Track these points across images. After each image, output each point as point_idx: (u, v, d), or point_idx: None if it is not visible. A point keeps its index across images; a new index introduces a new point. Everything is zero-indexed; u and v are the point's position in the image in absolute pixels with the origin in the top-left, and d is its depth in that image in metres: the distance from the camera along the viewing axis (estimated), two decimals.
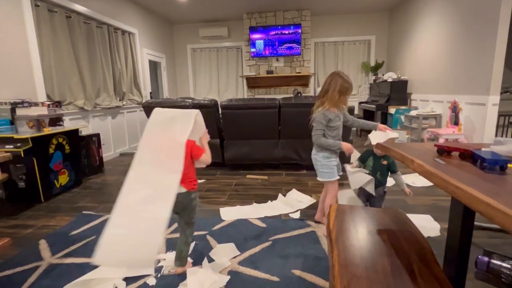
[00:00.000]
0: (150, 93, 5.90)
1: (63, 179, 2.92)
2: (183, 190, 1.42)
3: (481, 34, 3.50)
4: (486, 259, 1.45)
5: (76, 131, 3.16)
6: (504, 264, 1.39)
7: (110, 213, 1.27)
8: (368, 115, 6.41)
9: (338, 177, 1.89)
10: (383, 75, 5.99)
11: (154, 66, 6.45)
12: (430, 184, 2.85)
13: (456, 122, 3.86)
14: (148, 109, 3.82)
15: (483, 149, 1.03)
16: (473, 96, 3.63)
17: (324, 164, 1.84)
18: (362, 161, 1.95)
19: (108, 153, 4.37)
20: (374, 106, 5.60)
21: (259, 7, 6.04)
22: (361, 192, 1.91)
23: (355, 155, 2.09)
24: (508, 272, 1.37)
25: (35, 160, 2.57)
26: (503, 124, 3.37)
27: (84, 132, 3.62)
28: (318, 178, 1.90)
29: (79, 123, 3.77)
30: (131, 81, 5.14)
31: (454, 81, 4.07)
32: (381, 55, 6.64)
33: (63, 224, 2.21)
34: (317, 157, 1.86)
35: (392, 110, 5.16)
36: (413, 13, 5.35)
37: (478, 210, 0.67)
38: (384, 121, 5.54)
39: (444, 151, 1.14)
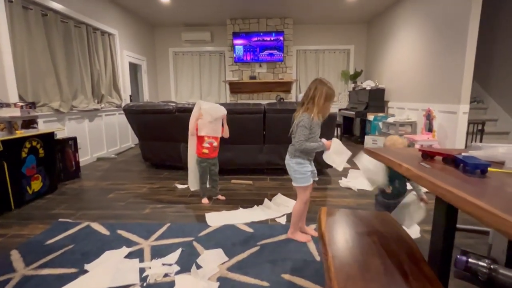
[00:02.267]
0: (130, 96, 5.74)
1: (36, 184, 2.76)
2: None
3: (453, 47, 3.74)
4: (464, 258, 1.54)
5: (51, 134, 3.00)
6: (480, 263, 1.48)
7: (89, 221, 1.21)
8: (347, 121, 6.62)
9: (311, 183, 1.88)
10: (361, 83, 6.22)
11: (134, 69, 6.29)
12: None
13: (430, 129, 4.07)
14: (128, 112, 3.71)
15: (463, 154, 1.10)
16: (446, 104, 3.86)
17: (297, 170, 1.84)
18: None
19: (85, 157, 4.18)
20: (354, 113, 5.79)
21: (243, 14, 6.09)
22: (378, 203, 1.87)
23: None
24: (484, 271, 1.45)
25: (5, 165, 2.41)
26: (472, 131, 3.60)
27: (59, 135, 3.45)
28: (293, 183, 1.91)
29: (54, 125, 3.59)
30: (110, 83, 4.98)
31: (428, 90, 4.30)
32: (359, 64, 6.90)
33: (37, 233, 2.08)
34: (290, 163, 1.87)
35: (370, 117, 5.36)
36: (390, 25, 5.62)
37: (467, 211, 0.71)
38: (363, 127, 5.74)
39: (428, 156, 1.20)
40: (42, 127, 3.30)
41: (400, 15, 5.22)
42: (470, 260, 1.51)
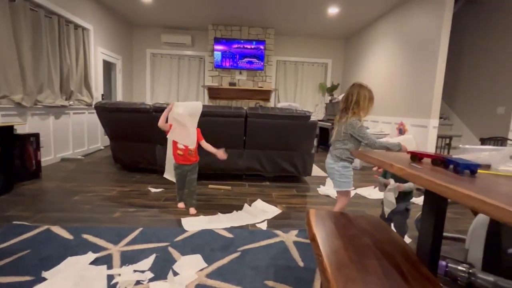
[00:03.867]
0: (102, 95, 5.43)
1: None
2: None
3: (424, 64, 3.98)
4: (443, 263, 1.56)
5: (10, 128, 2.72)
6: (460, 268, 1.51)
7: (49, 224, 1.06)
8: (323, 132, 6.75)
9: (353, 188, 1.88)
10: (338, 96, 6.41)
11: (108, 67, 5.99)
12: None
13: None
14: (100, 110, 3.48)
15: (453, 156, 1.12)
16: (417, 119, 4.07)
17: (343, 174, 1.83)
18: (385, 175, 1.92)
19: (47, 157, 3.84)
20: (330, 124, 5.92)
21: (225, 20, 6.09)
22: (384, 210, 1.89)
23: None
24: (464, 275, 1.48)
25: None
26: (441, 145, 3.81)
27: (19, 130, 3.14)
28: (335, 188, 1.89)
29: (13, 120, 3.26)
30: (81, 80, 4.68)
31: (401, 105, 4.52)
32: (336, 78, 7.14)
33: None
34: (336, 167, 1.83)
35: None
36: (366, 42, 5.90)
37: (472, 206, 0.70)
38: None
39: (416, 158, 1.20)
40: (0, 121, 2.98)
41: (375, 34, 5.50)
42: (449, 264, 1.54)
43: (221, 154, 2.29)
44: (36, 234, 1.87)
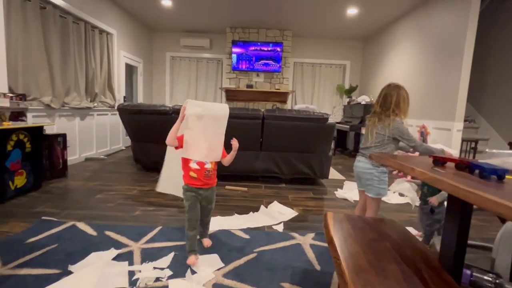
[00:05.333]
0: (124, 97, 5.63)
1: (20, 180, 2.60)
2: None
3: (448, 66, 3.84)
4: (468, 272, 1.49)
5: (40, 129, 2.87)
6: (486, 277, 1.45)
7: (74, 221, 1.12)
8: (341, 134, 6.66)
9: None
10: (356, 98, 6.30)
11: (130, 70, 6.21)
12: (404, 201, 2.96)
13: None
14: (123, 112, 3.61)
15: (479, 160, 1.08)
16: (440, 121, 3.93)
17: (382, 180, 1.76)
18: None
19: (73, 156, 4.02)
20: (348, 127, 5.83)
21: (243, 23, 6.15)
22: (422, 211, 1.98)
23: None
24: (490, 285, 1.42)
25: None
26: (465, 149, 3.66)
27: (48, 131, 3.31)
28: (371, 195, 1.79)
29: (43, 121, 3.44)
30: (105, 83, 4.87)
31: (423, 107, 4.38)
32: (355, 79, 7.02)
33: (17, 231, 1.93)
34: (375, 172, 1.76)
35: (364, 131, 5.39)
36: (386, 43, 5.77)
37: (499, 212, 0.67)
38: (357, 141, 5.77)
39: (439, 162, 1.17)
40: (31, 122, 3.16)
41: (396, 34, 5.37)
42: (474, 274, 1.47)
43: (235, 144, 1.74)
44: (63, 229, 1.97)
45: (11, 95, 2.63)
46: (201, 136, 1.58)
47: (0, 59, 2.87)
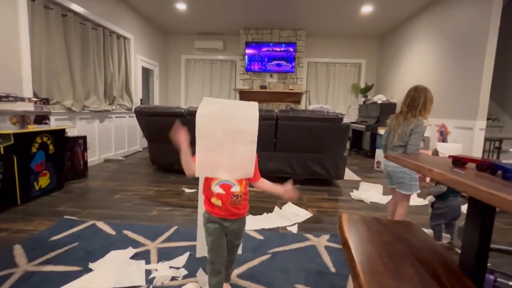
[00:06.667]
0: (141, 99, 5.78)
1: (44, 181, 2.73)
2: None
3: (469, 63, 3.69)
4: (492, 277, 1.43)
5: (62, 131, 2.99)
6: (510, 283, 1.38)
7: (94, 220, 1.15)
8: (356, 134, 6.53)
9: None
10: (372, 97, 6.17)
11: (146, 73, 6.36)
12: (422, 203, 2.87)
13: None
14: (139, 114, 3.70)
15: (503, 161, 1.03)
16: (461, 120, 3.78)
17: (414, 177, 1.86)
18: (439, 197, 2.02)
19: (92, 158, 4.16)
20: (364, 127, 5.72)
21: (256, 24, 6.17)
22: (434, 212, 2.03)
23: None
24: None
25: (15, 159, 2.39)
26: (489, 149, 3.50)
27: (69, 133, 3.44)
28: (404, 192, 1.89)
29: (65, 124, 3.59)
30: (123, 86, 5.02)
31: (442, 105, 4.23)
32: (370, 78, 6.88)
33: (42, 229, 2.02)
34: (406, 170, 1.84)
35: (381, 131, 5.28)
36: (403, 40, 5.62)
37: None
38: (373, 141, 5.65)
39: (459, 163, 1.13)
40: (53, 125, 3.29)
41: (413, 30, 5.22)
42: (498, 279, 1.41)
43: (289, 192, 1.33)
44: (84, 228, 2.05)
45: (35, 99, 2.76)
46: (220, 145, 1.10)
47: (25, 65, 3.02)
